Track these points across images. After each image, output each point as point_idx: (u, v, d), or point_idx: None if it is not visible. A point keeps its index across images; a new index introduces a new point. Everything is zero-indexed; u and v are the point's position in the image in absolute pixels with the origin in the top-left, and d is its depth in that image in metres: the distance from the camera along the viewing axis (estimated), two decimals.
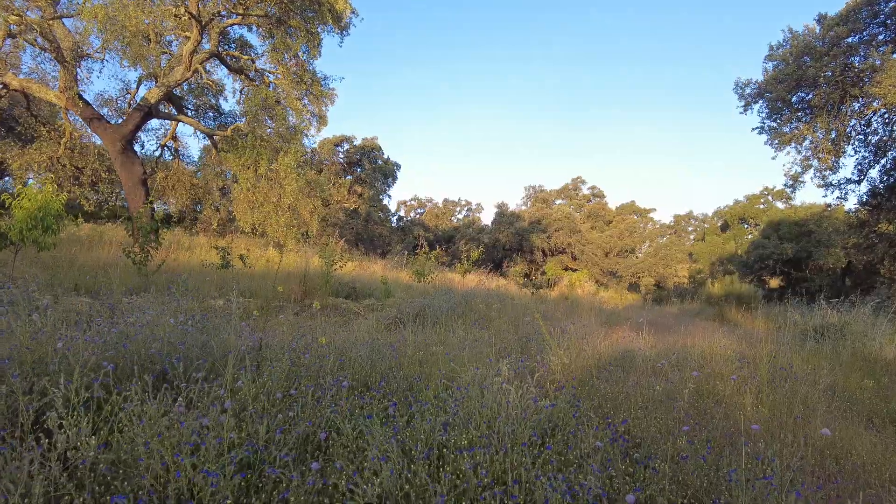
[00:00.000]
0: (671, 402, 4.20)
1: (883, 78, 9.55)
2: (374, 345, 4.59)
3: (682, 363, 5.28)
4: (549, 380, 4.07)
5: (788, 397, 4.88)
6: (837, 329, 8.18)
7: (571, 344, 5.25)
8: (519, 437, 2.71)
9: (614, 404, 3.79)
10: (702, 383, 4.94)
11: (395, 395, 3.63)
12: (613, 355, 5.42)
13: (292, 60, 14.98)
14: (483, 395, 2.92)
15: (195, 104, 17.92)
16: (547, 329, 6.09)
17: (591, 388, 3.98)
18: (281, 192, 13.63)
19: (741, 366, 5.62)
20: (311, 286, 9.47)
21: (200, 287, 8.96)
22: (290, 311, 8.50)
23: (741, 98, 13.18)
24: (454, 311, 8.53)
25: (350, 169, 31.22)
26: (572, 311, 11.35)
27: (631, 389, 4.14)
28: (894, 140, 10.96)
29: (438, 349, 4.55)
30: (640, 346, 6.12)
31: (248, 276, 10.42)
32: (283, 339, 4.69)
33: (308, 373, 3.59)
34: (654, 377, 4.85)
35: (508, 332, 6.47)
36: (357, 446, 2.66)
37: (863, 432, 4.41)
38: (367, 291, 10.83)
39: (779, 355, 7.33)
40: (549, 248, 36.77)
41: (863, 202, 12.83)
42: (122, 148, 12.98)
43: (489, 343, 5.44)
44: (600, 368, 4.88)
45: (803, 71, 11.03)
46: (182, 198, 17.77)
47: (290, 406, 2.97)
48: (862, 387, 5.77)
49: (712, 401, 4.57)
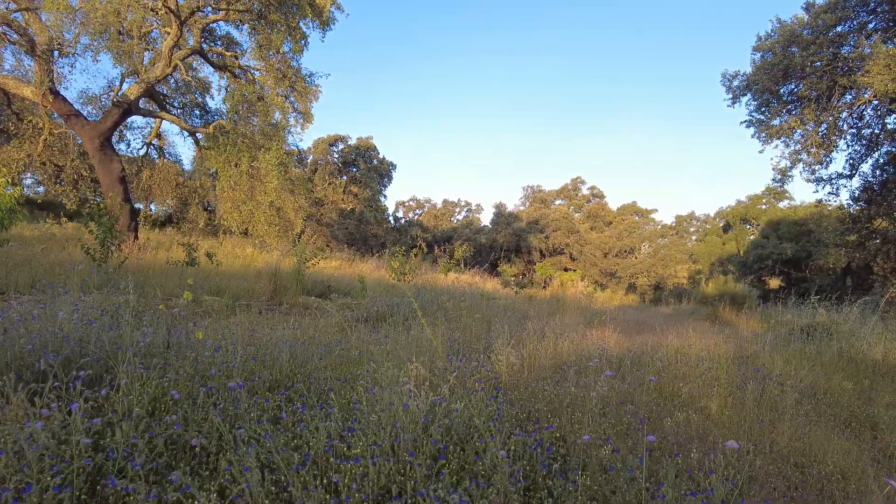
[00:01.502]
0: (625, 405, 3.89)
1: (872, 66, 9.13)
2: (311, 343, 4.30)
3: (645, 364, 4.96)
4: (491, 382, 3.76)
5: (759, 400, 4.55)
6: (825, 328, 7.83)
7: (529, 344, 4.94)
8: (420, 445, 2.41)
9: (553, 408, 3.48)
10: (665, 385, 4.62)
11: (315, 397, 3.34)
12: (576, 356, 5.09)
13: (276, 57, 14.75)
14: (381, 399, 2.61)
15: (181, 102, 17.71)
16: (510, 329, 5.78)
17: (533, 391, 3.67)
18: (263, 190, 13.37)
19: (712, 366, 5.29)
20: (282, 284, 9.19)
21: (165, 285, 8.71)
22: (255, 309, 8.23)
23: (728, 91, 12.77)
24: (426, 309, 8.24)
25: (345, 169, 30.98)
26: (556, 310, 11.03)
27: (581, 392, 3.82)
28: (888, 133, 10.52)
29: (377, 349, 4.25)
30: (607, 346, 5.79)
31: (221, 275, 10.16)
32: (217, 338, 4.41)
33: (219, 372, 3.30)
34: (613, 379, 4.53)
35: (469, 332, 6.16)
36: (237, 456, 2.36)
37: (835, 438, 4.08)
38: (343, 290, 10.54)
39: (760, 355, 6.99)
40: (546, 248, 36.38)
41: (855, 198, 12.41)
42: (101, 145, 12.76)
43: (442, 342, 5.13)
44: (556, 370, 4.56)
45: (789, 60, 10.62)
46: (168, 196, 17.54)
47: (175, 410, 2.68)
48: (842, 389, 5.43)
49: (673, 404, 4.25)
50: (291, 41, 14.15)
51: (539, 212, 38.70)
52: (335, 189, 30.92)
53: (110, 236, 7.87)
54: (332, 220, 27.09)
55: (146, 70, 13.72)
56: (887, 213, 11.37)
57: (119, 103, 13.17)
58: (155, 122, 16.62)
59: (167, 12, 12.31)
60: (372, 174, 31.05)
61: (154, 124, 16.83)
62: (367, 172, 30.74)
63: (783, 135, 11.65)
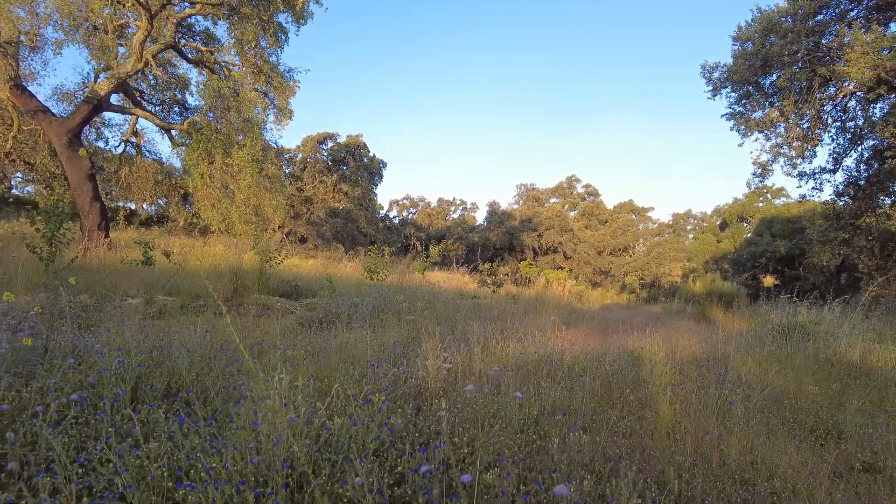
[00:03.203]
0: (555, 416, 3.57)
1: (850, 55, 8.76)
2: (228, 346, 3.99)
3: (591, 369, 4.63)
4: (405, 392, 3.44)
5: (717, 407, 4.22)
6: (801, 328, 7.51)
7: (474, 348, 4.62)
8: (272, 465, 2.10)
9: (477, 419, 3.16)
10: (613, 390, 4.30)
11: (211, 406, 3.03)
12: (527, 359, 4.76)
13: (253, 52, 14.43)
14: (241, 415, 2.30)
15: (160, 99, 17.40)
16: (480, 330, 5.46)
17: (453, 399, 3.35)
18: (235, 187, 13.06)
19: (666, 371, 4.97)
20: (243, 284, 8.88)
21: (119, 285, 8.40)
22: (210, 310, 7.91)
23: (709, 83, 12.39)
24: (390, 309, 7.92)
25: (335, 167, 30.65)
26: (534, 310, 10.70)
27: (511, 401, 3.49)
28: (871, 124, 10.14)
29: (297, 352, 3.94)
30: (567, 348, 5.46)
31: (187, 274, 9.84)
32: (124, 342, 4.09)
33: (103, 380, 2.99)
34: (557, 383, 4.22)
35: (419, 334, 5.83)
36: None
37: (792, 449, 3.75)
38: (314, 290, 10.22)
39: (733, 357, 6.66)
40: (539, 246, 36.05)
41: (839, 193, 12.04)
42: (69, 142, 12.44)
43: (382, 345, 4.82)
44: (488, 378, 4.23)
45: (768, 50, 10.25)
46: (146, 194, 17.23)
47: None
48: (809, 394, 5.11)
49: (618, 412, 3.93)
50: (267, 35, 13.83)
51: (532, 210, 38.36)
52: (325, 187, 30.61)
53: (59, 233, 7.55)
54: (319, 218, 26.75)
55: (118, 65, 13.40)
56: (872, 208, 11.02)
57: (89, 99, 12.85)
58: (131, 118, 16.30)
59: (134, 4, 12.00)
60: (362, 172, 30.72)
61: (131, 121, 16.52)
62: (357, 170, 30.41)
63: (764, 128, 11.29)
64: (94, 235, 12.47)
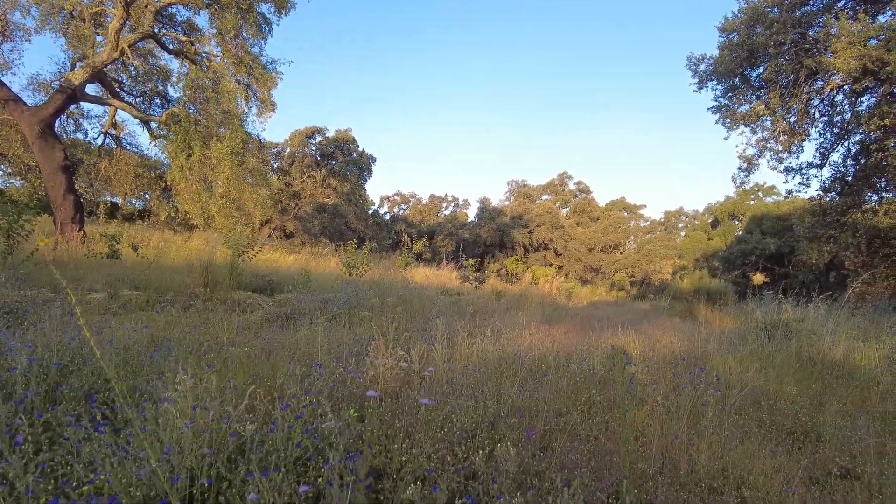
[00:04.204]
0: (510, 419, 3.34)
1: (837, 45, 8.55)
2: (178, 343, 3.74)
3: (567, 366, 4.41)
4: (353, 392, 3.20)
5: (689, 408, 4.01)
6: (784, 325, 7.33)
7: (437, 347, 4.38)
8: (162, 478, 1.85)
9: (430, 422, 2.93)
10: (581, 391, 4.08)
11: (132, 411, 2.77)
12: (492, 357, 4.53)
13: (234, 42, 14.09)
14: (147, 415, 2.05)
15: (140, 91, 17.00)
16: (463, 327, 5.21)
17: (399, 403, 3.11)
18: (213, 180, 12.74)
19: (649, 368, 4.76)
20: (214, 279, 8.60)
21: (85, 279, 8.10)
22: (178, 305, 7.63)
23: (694, 75, 12.15)
24: (363, 305, 7.68)
25: (323, 162, 30.28)
26: (515, 307, 10.48)
27: (464, 402, 3.26)
28: (856, 118, 9.94)
29: (238, 351, 3.69)
30: (536, 345, 5.24)
31: (162, 268, 9.54)
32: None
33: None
34: (522, 382, 3.99)
35: (381, 331, 5.60)
36: None
37: (766, 454, 3.54)
38: (289, 285, 9.95)
39: (713, 356, 6.46)
40: (530, 243, 35.85)
41: (825, 188, 11.85)
42: (41, 132, 12.07)
43: (341, 342, 4.59)
44: (449, 381, 4.00)
45: (753, 41, 10.03)
46: (126, 188, 16.86)
47: None
48: (788, 394, 4.91)
49: (581, 415, 3.70)
50: (247, 24, 13.50)
51: (523, 206, 38.14)
52: (313, 182, 30.24)
53: (17, 226, 7.24)
54: (306, 213, 26.39)
55: (93, 54, 13.03)
56: (858, 204, 10.85)
57: (62, 88, 12.47)
58: (110, 110, 15.90)
59: None
60: (351, 167, 30.37)
61: (110, 112, 16.12)
62: (346, 165, 30.05)
63: (750, 121, 11.07)
64: (67, 229, 12.12)
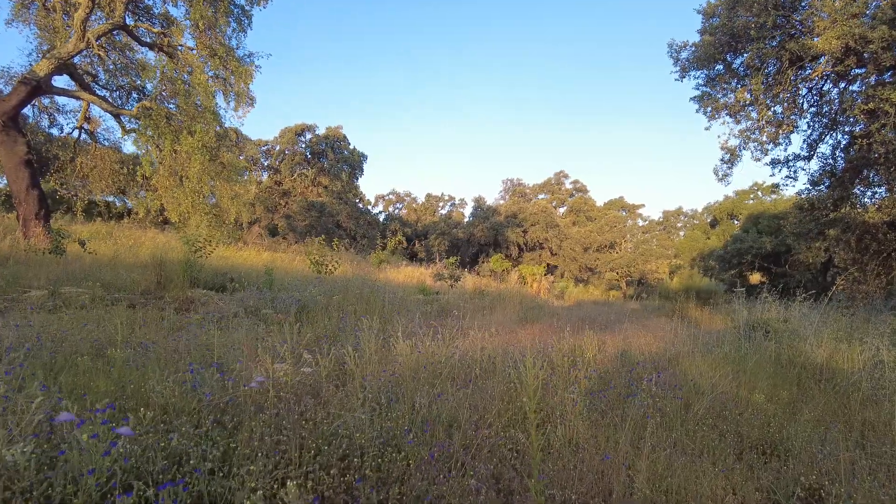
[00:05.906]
0: (438, 426, 2.91)
1: (819, 24, 8.04)
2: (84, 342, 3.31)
3: (512, 370, 3.96)
4: (236, 402, 2.76)
5: (634, 420, 3.56)
6: (764, 325, 6.87)
7: (370, 347, 3.96)
8: None
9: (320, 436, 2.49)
10: (516, 398, 3.63)
11: None
12: (433, 362, 4.08)
13: (207, 33, 13.68)
14: None
15: (116, 84, 16.59)
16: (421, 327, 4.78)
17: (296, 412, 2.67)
18: (182, 175, 12.32)
19: (598, 373, 4.31)
20: (167, 276, 8.17)
21: (26, 276, 7.69)
22: (125, 303, 7.20)
23: (676, 63, 11.61)
24: (317, 304, 7.25)
25: (314, 160, 29.85)
26: (491, 306, 10.03)
27: (362, 414, 2.82)
28: (845, 110, 9.42)
29: (121, 353, 3.25)
30: (487, 346, 4.78)
31: (105, 265, 9.11)
32: None
33: None
34: (457, 388, 3.55)
35: (324, 332, 5.19)
36: None
37: (718, 473, 3.08)
38: (249, 283, 9.50)
39: (684, 358, 6.01)
40: (524, 242, 35.37)
41: (813, 181, 11.33)
42: (3, 125, 11.68)
43: (268, 345, 4.16)
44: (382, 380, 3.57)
45: (734, 23, 9.52)
46: (103, 184, 16.44)
47: None
48: (760, 402, 4.46)
49: (519, 428, 3.26)
50: (220, 16, 13.08)
51: (518, 206, 37.67)
52: (304, 180, 29.83)
53: None
54: (291, 211, 25.95)
55: (60, 45, 12.62)
56: (848, 198, 10.34)
57: (26, 80, 12.06)
58: (83, 104, 15.49)
59: None
60: (342, 165, 29.93)
61: (83, 106, 15.70)
62: (337, 164, 29.62)
63: (733, 111, 10.58)
64: (30, 225, 11.72)
